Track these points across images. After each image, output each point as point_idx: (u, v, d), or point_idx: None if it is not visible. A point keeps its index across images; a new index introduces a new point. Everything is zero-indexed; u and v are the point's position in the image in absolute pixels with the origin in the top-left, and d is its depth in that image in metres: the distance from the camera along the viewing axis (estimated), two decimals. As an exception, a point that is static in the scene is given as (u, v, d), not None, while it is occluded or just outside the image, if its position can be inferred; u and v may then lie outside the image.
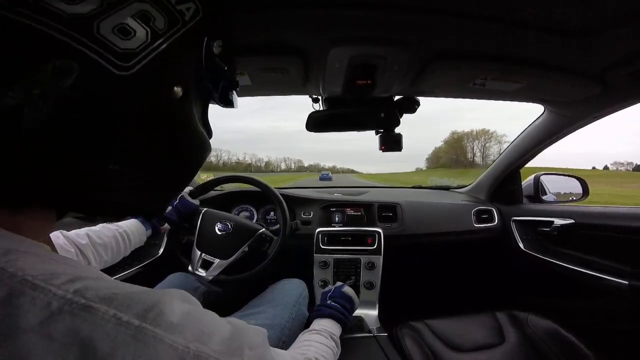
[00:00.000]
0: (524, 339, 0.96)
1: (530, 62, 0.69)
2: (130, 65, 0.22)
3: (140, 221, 0.77)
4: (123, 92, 0.22)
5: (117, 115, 0.23)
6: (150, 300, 0.22)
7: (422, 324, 1.01)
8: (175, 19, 0.25)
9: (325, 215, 1.33)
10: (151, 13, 0.23)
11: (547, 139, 1.12)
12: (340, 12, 0.53)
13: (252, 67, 0.72)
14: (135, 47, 0.22)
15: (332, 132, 0.94)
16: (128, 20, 0.21)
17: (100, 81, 0.21)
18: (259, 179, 1.03)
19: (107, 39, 0.20)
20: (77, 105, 0.20)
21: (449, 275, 1.64)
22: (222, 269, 0.87)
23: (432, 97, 0.93)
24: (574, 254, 1.07)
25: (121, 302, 0.21)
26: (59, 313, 0.18)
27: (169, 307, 0.23)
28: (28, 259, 0.20)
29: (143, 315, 0.21)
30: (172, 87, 0.26)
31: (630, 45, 0.60)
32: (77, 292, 0.19)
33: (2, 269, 0.19)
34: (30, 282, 0.19)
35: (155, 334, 0.21)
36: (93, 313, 0.19)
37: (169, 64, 0.25)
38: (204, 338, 0.23)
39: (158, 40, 0.23)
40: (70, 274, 0.21)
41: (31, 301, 0.18)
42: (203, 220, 0.93)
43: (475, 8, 0.52)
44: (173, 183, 0.32)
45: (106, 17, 0.20)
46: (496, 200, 1.44)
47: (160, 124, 0.26)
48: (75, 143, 0.21)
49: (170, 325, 0.22)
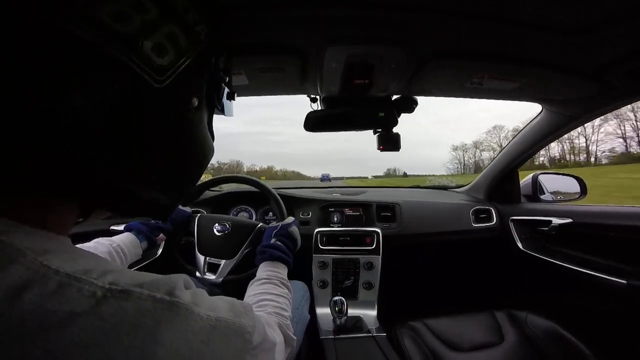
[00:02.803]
0: (523, 338, 0.96)
1: (527, 61, 0.69)
2: (164, 79, 0.26)
3: (134, 234, 0.75)
4: (157, 102, 0.26)
5: (151, 120, 0.27)
6: (171, 282, 0.26)
7: (421, 323, 1.01)
8: (193, 39, 0.29)
9: (324, 216, 1.33)
10: (177, 34, 0.27)
11: (545, 138, 1.12)
12: (336, 11, 0.53)
13: (249, 67, 0.72)
14: (167, 63, 0.26)
15: (330, 131, 0.94)
16: (162, 40, 0.25)
17: (143, 92, 0.25)
18: (257, 179, 1.03)
19: (149, 56, 0.24)
20: (125, 110, 0.24)
21: (447, 275, 1.64)
22: (230, 268, 0.87)
23: (430, 96, 0.93)
24: (572, 253, 1.07)
25: (150, 285, 0.24)
26: (104, 298, 0.21)
27: (182, 287, 0.27)
28: (63, 258, 0.23)
29: (171, 293, 0.25)
30: (190, 98, 0.30)
31: (627, 43, 0.60)
32: (112, 282, 0.22)
33: (46, 266, 0.21)
34: (73, 276, 0.21)
35: (186, 306, 0.25)
36: (132, 294, 0.22)
37: (189, 78, 0.29)
38: (214, 308, 0.28)
39: (182, 58, 0.28)
40: (101, 269, 0.23)
41: (79, 291, 0.21)
42: (200, 225, 0.93)
43: (472, 7, 0.52)
44: (186, 180, 0.36)
45: (148, 37, 0.24)
46: (494, 199, 1.44)
47: (181, 129, 0.31)
48: (119, 141, 0.25)
49: (190, 299, 0.26)
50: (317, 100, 0.94)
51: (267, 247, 0.70)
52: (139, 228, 0.77)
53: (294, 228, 0.78)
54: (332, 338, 0.98)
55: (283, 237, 0.74)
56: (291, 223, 0.79)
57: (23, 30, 0.20)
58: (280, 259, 0.67)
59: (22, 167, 0.23)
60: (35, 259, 0.21)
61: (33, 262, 0.21)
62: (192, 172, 0.36)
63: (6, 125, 0.21)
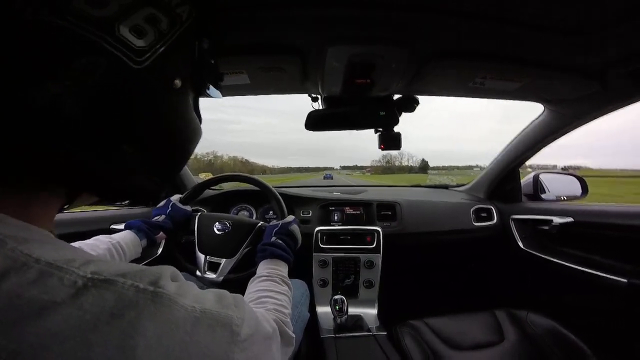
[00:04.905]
0: (523, 337, 0.96)
1: (529, 61, 0.69)
2: (143, 60, 0.26)
3: (134, 232, 0.75)
4: (137, 84, 0.26)
5: (133, 102, 0.27)
6: (155, 272, 0.26)
7: (421, 322, 1.02)
8: (174, 20, 0.29)
9: (325, 214, 1.33)
10: (157, 16, 0.27)
11: (546, 138, 1.12)
12: (337, 11, 0.53)
13: (251, 66, 0.71)
14: (146, 45, 0.26)
15: (331, 130, 0.94)
16: (140, 22, 0.25)
17: (121, 74, 0.25)
18: (257, 177, 1.03)
19: (126, 38, 0.24)
20: (103, 95, 0.24)
21: (448, 274, 1.65)
22: (231, 267, 0.87)
23: (432, 96, 0.93)
24: (573, 253, 1.07)
25: (133, 275, 0.24)
26: (85, 287, 0.21)
27: (168, 278, 0.26)
28: (45, 247, 0.22)
29: (155, 282, 0.24)
30: (173, 80, 0.30)
31: (629, 44, 0.59)
32: (94, 272, 0.22)
33: (26, 254, 0.21)
34: (54, 265, 0.21)
35: (170, 297, 0.24)
36: (113, 284, 0.22)
37: (170, 59, 0.29)
38: (200, 300, 0.27)
39: (163, 39, 0.27)
40: (83, 258, 0.23)
41: (59, 280, 0.20)
42: (200, 224, 0.92)
43: (473, 7, 0.52)
44: (171, 163, 0.36)
45: (124, 20, 0.24)
46: (495, 198, 1.44)
47: (164, 111, 0.31)
48: (100, 126, 0.25)
49: (175, 290, 0.25)
50: (318, 100, 0.94)
51: (268, 245, 0.70)
52: (139, 226, 0.76)
53: (294, 226, 0.78)
54: (332, 337, 0.99)
55: (284, 235, 0.74)
56: (291, 221, 0.79)
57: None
58: (281, 257, 0.67)
59: (2, 159, 0.23)
60: (16, 247, 0.21)
61: (13, 251, 0.20)
62: (177, 155, 0.36)
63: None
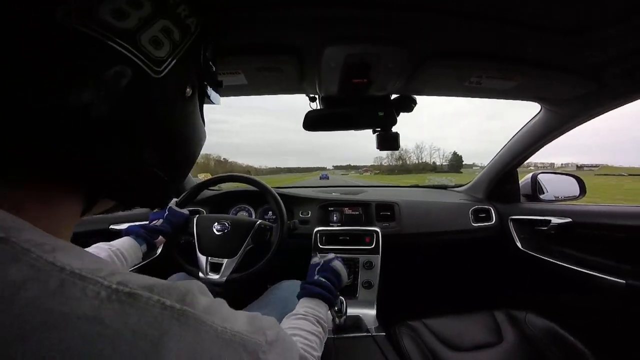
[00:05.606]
0: (522, 338, 0.96)
1: (525, 61, 0.69)
2: (162, 70, 0.27)
3: (133, 238, 0.74)
4: (157, 92, 0.28)
5: (152, 109, 0.28)
6: (184, 288, 0.25)
7: (420, 323, 1.01)
8: (185, 31, 0.31)
9: (324, 215, 1.33)
10: (170, 28, 0.29)
11: (544, 137, 1.12)
12: (335, 11, 0.53)
13: (248, 66, 0.72)
14: (164, 55, 0.28)
15: (329, 131, 0.94)
16: (157, 33, 0.27)
17: (143, 82, 0.26)
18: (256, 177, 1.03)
19: (146, 49, 0.26)
20: (128, 101, 0.25)
21: (446, 275, 1.64)
22: (233, 267, 0.87)
23: (429, 95, 0.93)
24: (571, 253, 1.07)
25: (160, 289, 0.23)
26: (108, 301, 0.20)
27: (197, 293, 0.25)
28: (70, 255, 0.22)
29: (182, 300, 0.23)
30: (185, 87, 0.32)
31: (624, 42, 0.60)
32: (120, 283, 0.21)
33: (51, 263, 0.20)
34: (78, 274, 0.20)
35: (196, 316, 0.23)
36: (138, 299, 0.21)
37: (183, 69, 0.31)
38: (232, 320, 0.26)
39: (176, 50, 0.29)
40: (109, 269, 0.22)
41: (82, 291, 0.20)
42: (198, 226, 0.92)
43: (471, 7, 0.52)
44: (185, 165, 0.37)
45: (144, 32, 0.26)
46: (494, 199, 1.44)
47: (178, 118, 0.32)
48: (124, 130, 0.26)
49: (204, 308, 0.24)
50: (316, 100, 0.94)
51: (309, 283, 0.67)
52: (138, 231, 0.76)
53: (336, 263, 0.75)
54: (331, 337, 0.98)
55: (326, 273, 0.71)
56: (333, 258, 0.76)
57: (26, 29, 0.20)
58: (321, 296, 0.63)
59: (30, 166, 0.23)
60: (41, 256, 0.20)
61: (37, 260, 0.20)
62: (188, 158, 0.37)
63: (15, 124, 0.21)
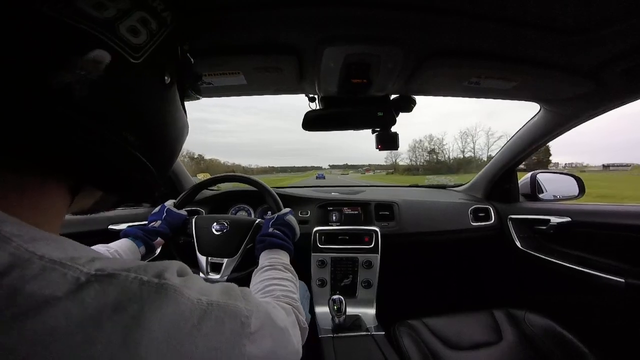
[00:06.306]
0: (521, 337, 0.96)
1: (525, 60, 0.69)
2: (139, 56, 0.29)
3: (132, 240, 0.74)
4: (135, 75, 0.29)
5: (132, 92, 0.29)
6: (161, 265, 0.27)
7: (419, 322, 1.02)
8: (161, 23, 0.33)
9: (323, 215, 1.33)
10: (148, 18, 0.31)
11: (543, 137, 1.13)
12: (334, 11, 0.53)
13: (247, 66, 0.71)
14: (142, 42, 0.29)
15: (328, 131, 0.94)
16: (135, 23, 0.29)
17: (122, 67, 0.27)
18: (254, 177, 1.03)
19: (125, 37, 0.28)
20: (108, 84, 0.26)
21: (446, 274, 1.65)
22: (233, 267, 0.87)
23: (428, 95, 0.93)
24: (570, 252, 1.07)
25: (137, 268, 0.24)
26: (87, 282, 0.21)
27: (174, 271, 0.27)
28: (51, 245, 0.23)
29: (160, 275, 0.25)
30: (164, 74, 0.33)
31: (624, 43, 0.60)
32: (99, 269, 0.22)
33: (32, 252, 0.21)
34: (58, 262, 0.21)
35: (175, 288, 0.25)
36: (117, 277, 0.22)
37: (160, 56, 0.32)
38: (206, 292, 0.28)
39: (153, 38, 0.31)
40: (88, 256, 0.23)
41: (62, 276, 0.20)
42: (197, 226, 0.92)
43: (470, 6, 0.52)
44: (166, 154, 0.37)
45: (122, 21, 0.28)
46: (493, 198, 1.45)
47: (158, 103, 0.33)
48: (105, 113, 0.27)
49: (180, 282, 0.26)
50: (315, 100, 0.94)
51: (266, 235, 0.70)
52: (136, 233, 0.75)
53: (290, 217, 0.79)
54: (330, 337, 0.98)
55: (280, 226, 0.74)
56: (287, 212, 0.80)
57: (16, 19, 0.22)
58: (281, 246, 0.67)
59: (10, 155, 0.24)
60: (21, 245, 0.21)
61: (18, 249, 0.20)
62: (170, 147, 0.38)
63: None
